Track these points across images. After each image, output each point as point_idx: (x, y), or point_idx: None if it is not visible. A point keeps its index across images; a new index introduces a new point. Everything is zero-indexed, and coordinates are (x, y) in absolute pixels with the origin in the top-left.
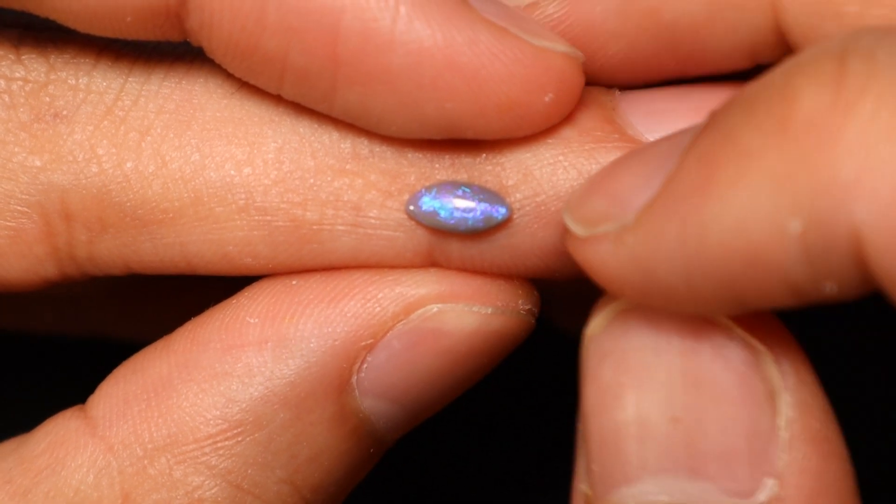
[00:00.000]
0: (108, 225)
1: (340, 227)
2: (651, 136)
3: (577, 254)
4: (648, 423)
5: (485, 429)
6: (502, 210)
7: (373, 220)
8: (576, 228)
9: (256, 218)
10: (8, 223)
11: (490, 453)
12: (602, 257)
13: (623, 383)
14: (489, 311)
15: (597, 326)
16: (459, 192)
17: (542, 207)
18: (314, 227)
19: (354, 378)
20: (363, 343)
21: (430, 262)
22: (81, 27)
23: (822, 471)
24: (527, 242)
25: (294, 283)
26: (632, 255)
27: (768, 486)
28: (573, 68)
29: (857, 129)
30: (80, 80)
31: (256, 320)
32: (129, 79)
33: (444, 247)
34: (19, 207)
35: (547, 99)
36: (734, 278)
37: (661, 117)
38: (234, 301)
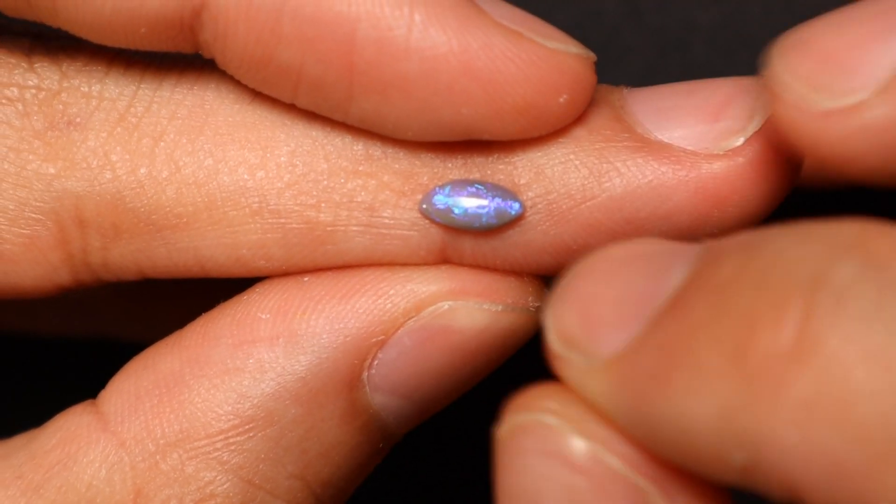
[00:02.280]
0: (122, 231)
1: (354, 228)
2: (659, 134)
3: (554, 368)
4: None
5: (490, 426)
6: (515, 206)
7: (387, 220)
8: (554, 344)
9: (270, 221)
10: (22, 231)
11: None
12: (577, 382)
13: (518, 498)
14: (499, 308)
15: (503, 432)
16: (472, 190)
17: (554, 205)
18: (328, 228)
19: (365, 374)
20: (374, 339)
21: (443, 260)
22: (95, 38)
23: None
24: (539, 240)
25: (305, 280)
26: (603, 393)
27: None
28: (586, 69)
29: (810, 381)
30: (93, 88)
31: (268, 316)
32: (142, 85)
33: (457, 244)
34: (34, 215)
35: (562, 100)
36: (684, 461)
37: (668, 114)
38: (245, 297)
